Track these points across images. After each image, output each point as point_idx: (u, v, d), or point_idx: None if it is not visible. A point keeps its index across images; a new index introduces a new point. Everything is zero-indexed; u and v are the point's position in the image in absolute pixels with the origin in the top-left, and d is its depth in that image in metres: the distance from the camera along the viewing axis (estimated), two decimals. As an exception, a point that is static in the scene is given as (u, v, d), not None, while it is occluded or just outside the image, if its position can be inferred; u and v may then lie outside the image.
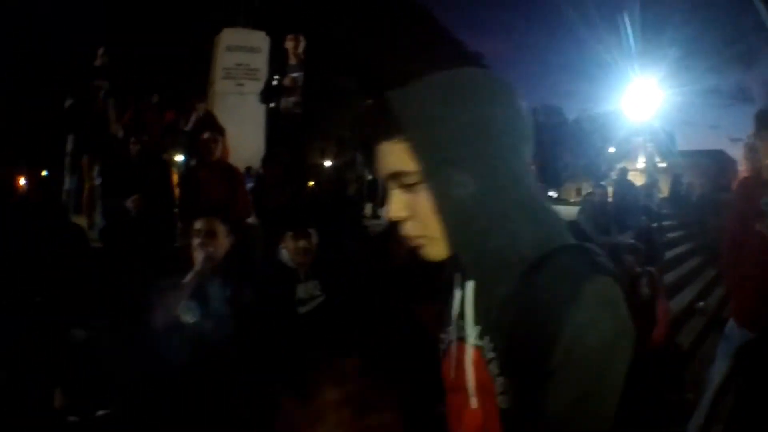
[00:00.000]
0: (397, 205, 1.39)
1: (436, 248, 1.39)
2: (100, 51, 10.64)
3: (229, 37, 13.49)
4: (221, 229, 4.45)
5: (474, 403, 1.44)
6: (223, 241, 4.45)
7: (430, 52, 34.42)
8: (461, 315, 1.48)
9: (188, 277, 4.24)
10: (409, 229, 1.40)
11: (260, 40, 13.44)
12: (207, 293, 4.33)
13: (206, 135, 6.96)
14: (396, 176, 1.37)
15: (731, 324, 4.71)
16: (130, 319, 4.24)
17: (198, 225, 4.40)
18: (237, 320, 4.12)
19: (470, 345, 1.43)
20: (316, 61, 8.35)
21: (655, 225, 13.73)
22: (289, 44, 8.15)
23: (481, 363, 1.39)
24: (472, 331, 1.43)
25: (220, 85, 13.15)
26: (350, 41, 25.54)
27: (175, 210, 7.08)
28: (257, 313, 4.26)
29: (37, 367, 4.21)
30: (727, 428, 4.71)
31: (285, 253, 4.96)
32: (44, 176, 9.22)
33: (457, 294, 1.50)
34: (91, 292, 4.85)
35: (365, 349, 4.54)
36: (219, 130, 7.09)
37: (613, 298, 1.24)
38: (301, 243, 4.89)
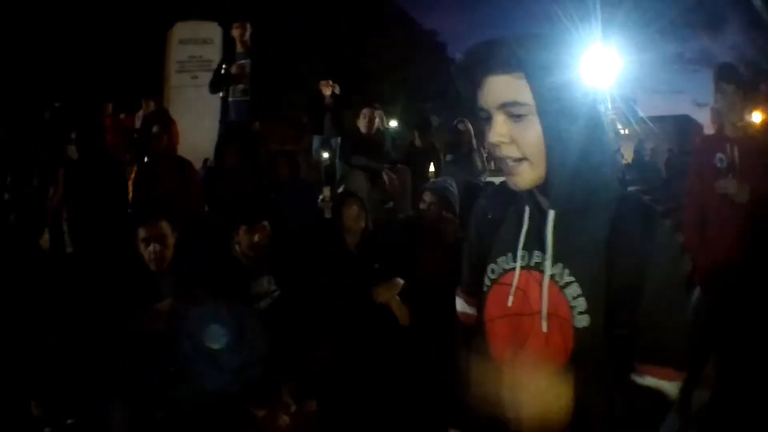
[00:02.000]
0: (502, 129, 1.60)
1: (529, 174, 1.62)
2: None
3: (181, 30, 13.40)
4: (169, 230, 4.38)
5: (544, 326, 1.67)
6: (172, 240, 4.39)
7: (384, 31, 34.39)
8: (527, 245, 1.73)
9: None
10: (506, 151, 1.62)
11: (212, 30, 13.36)
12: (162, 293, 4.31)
13: (155, 129, 6.86)
14: (507, 105, 1.58)
15: (696, 294, 4.61)
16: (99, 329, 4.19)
17: (143, 233, 4.32)
18: (191, 319, 4.07)
19: (544, 272, 1.68)
20: (267, 46, 8.29)
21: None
22: (235, 32, 8.08)
23: (554, 288, 1.66)
24: (546, 260, 1.68)
25: (175, 79, 13.09)
26: (306, 25, 25.46)
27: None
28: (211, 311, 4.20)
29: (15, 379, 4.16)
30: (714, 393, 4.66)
31: (238, 248, 4.78)
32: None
33: (525, 225, 1.75)
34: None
35: (325, 340, 4.52)
36: (166, 123, 6.98)
37: (677, 234, 1.64)
38: (256, 237, 4.70)
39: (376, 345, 4.57)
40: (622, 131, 39.77)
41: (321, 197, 8.98)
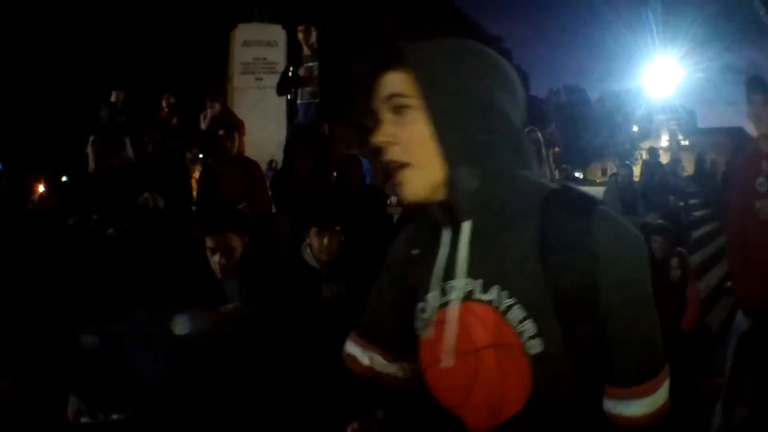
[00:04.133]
0: (386, 128, 1.46)
1: (418, 180, 1.44)
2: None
3: (244, 32, 13.52)
4: (237, 241, 4.38)
5: (491, 359, 1.43)
6: (239, 250, 4.39)
7: (450, 35, 34.40)
8: (447, 275, 1.49)
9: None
10: (392, 153, 1.46)
11: (276, 33, 13.48)
12: (226, 295, 4.30)
13: (221, 132, 6.92)
14: (392, 98, 1.45)
15: (739, 316, 4.54)
16: (147, 322, 4.19)
17: (211, 243, 4.33)
18: (258, 321, 4.06)
19: (476, 300, 1.44)
20: (334, 49, 8.34)
21: (681, 204, 13.57)
22: (300, 35, 8.16)
23: (494, 315, 1.41)
24: (475, 285, 1.45)
25: (239, 81, 13.21)
26: (370, 28, 25.45)
27: (194, 207, 7.08)
28: (280, 314, 4.19)
29: (49, 373, 4.19)
30: (752, 411, 4.59)
31: (309, 251, 4.77)
32: (63, 182, 9.23)
33: (442, 252, 1.51)
34: (106, 296, 4.81)
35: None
36: (234, 126, 7.04)
37: (626, 223, 1.43)
38: (326, 240, 4.67)
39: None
40: (683, 142, 39.34)
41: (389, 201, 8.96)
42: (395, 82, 1.45)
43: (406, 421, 1.82)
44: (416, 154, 1.43)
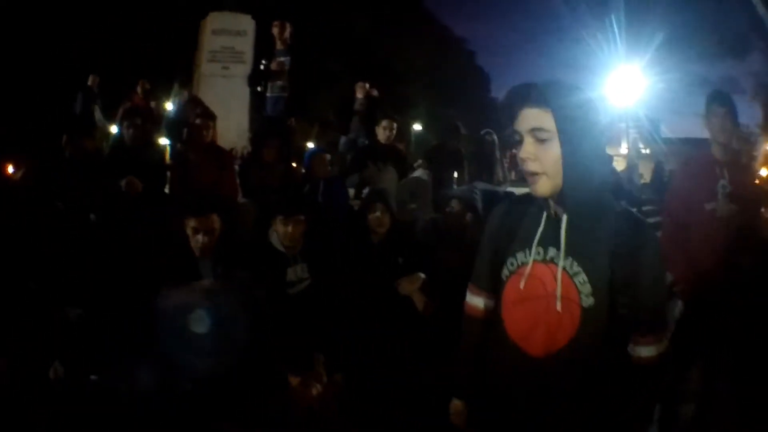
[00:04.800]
0: (529, 149, 2.14)
1: (547, 184, 2.15)
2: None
3: (215, 20, 13.46)
4: (218, 223, 4.67)
5: (558, 306, 2.19)
6: (218, 231, 4.70)
7: (417, 35, 34.43)
8: (542, 242, 2.25)
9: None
10: (532, 166, 2.14)
11: (245, 23, 13.39)
12: (200, 273, 4.58)
13: (198, 121, 7.08)
14: (535, 130, 2.13)
15: (678, 309, 4.80)
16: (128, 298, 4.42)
17: (194, 223, 4.62)
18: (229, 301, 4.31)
19: (558, 264, 2.21)
20: (303, 45, 8.48)
21: (634, 209, 13.85)
22: (275, 30, 8.26)
23: (566, 276, 2.19)
24: (557, 254, 2.21)
25: (206, 68, 13.15)
26: (339, 26, 25.53)
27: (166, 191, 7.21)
28: (249, 294, 4.45)
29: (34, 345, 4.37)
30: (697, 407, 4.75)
31: (275, 236, 5.07)
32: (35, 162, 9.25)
33: (541, 227, 2.27)
34: (86, 271, 4.98)
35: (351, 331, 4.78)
36: (211, 116, 7.17)
37: (654, 232, 2.26)
38: (291, 227, 4.98)
39: (398, 332, 4.84)
40: (643, 150, 39.72)
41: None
42: (539, 118, 2.12)
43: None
44: (548, 168, 2.13)
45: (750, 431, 4.49)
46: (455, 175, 8.85)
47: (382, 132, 8.37)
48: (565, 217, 2.21)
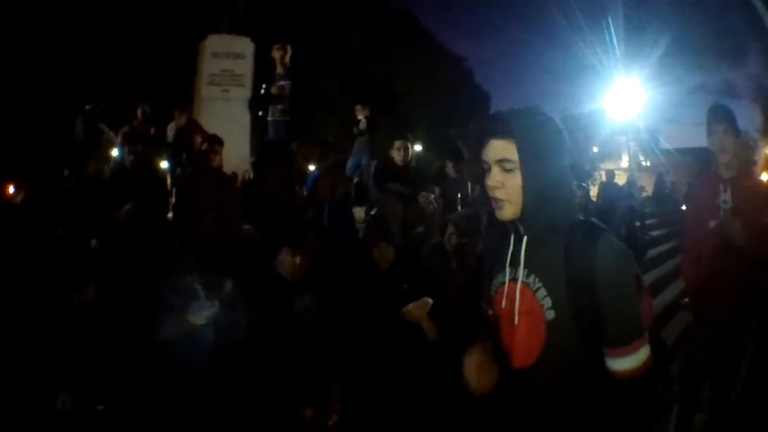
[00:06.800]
0: (497, 177, 2.26)
1: (510, 210, 2.27)
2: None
3: (214, 43, 13.44)
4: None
5: (516, 320, 2.32)
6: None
7: (413, 54, 34.48)
8: (512, 263, 2.38)
9: None
10: (498, 194, 2.27)
11: (245, 46, 13.35)
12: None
13: (205, 146, 7.04)
14: (502, 161, 2.25)
15: (693, 326, 4.83)
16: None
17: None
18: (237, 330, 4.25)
19: (520, 281, 2.32)
20: (300, 66, 8.42)
21: (638, 224, 13.84)
22: (276, 53, 8.21)
23: (528, 292, 2.29)
24: (521, 273, 2.33)
25: (206, 91, 13.10)
26: (334, 46, 25.55)
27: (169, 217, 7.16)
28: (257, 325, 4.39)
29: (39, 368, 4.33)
30: (710, 419, 4.76)
31: (282, 266, 5.03)
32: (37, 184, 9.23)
33: (510, 249, 2.40)
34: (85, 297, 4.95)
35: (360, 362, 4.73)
36: (218, 141, 7.12)
37: (620, 244, 2.23)
38: (298, 258, 4.96)
39: (408, 359, 4.80)
40: (643, 162, 39.80)
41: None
42: (505, 149, 2.24)
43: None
44: (512, 196, 2.25)
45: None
46: (459, 196, 8.81)
47: (397, 153, 8.18)
48: (525, 239, 2.35)
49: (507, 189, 2.26)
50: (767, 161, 5.56)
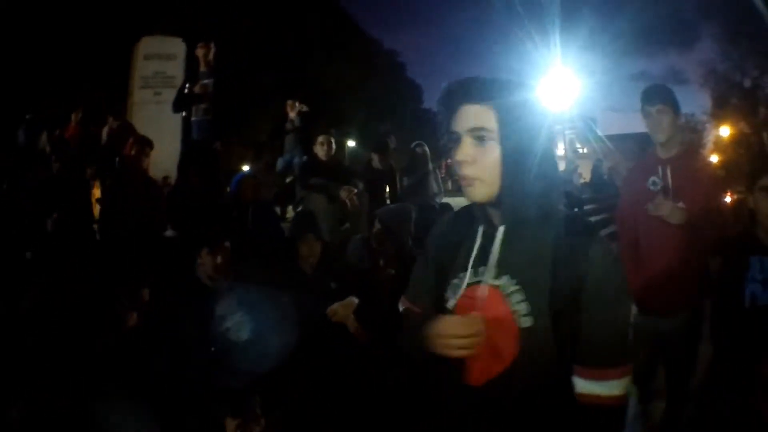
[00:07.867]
0: (467, 150, 1.93)
1: (481, 190, 1.94)
2: None
3: (147, 45, 13.32)
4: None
5: (489, 327, 1.92)
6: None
7: (345, 50, 34.45)
8: (478, 260, 2.03)
9: None
10: (468, 170, 1.94)
11: (176, 46, 13.28)
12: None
13: (134, 150, 6.95)
14: (475, 130, 1.92)
15: (635, 313, 4.76)
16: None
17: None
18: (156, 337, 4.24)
19: (487, 284, 1.98)
20: (233, 63, 8.37)
21: (576, 210, 14.05)
22: (200, 51, 8.12)
23: (498, 296, 1.95)
24: (490, 273, 1.99)
25: (139, 95, 13.00)
26: (268, 42, 25.39)
27: (95, 225, 7.10)
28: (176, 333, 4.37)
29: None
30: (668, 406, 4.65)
31: (202, 270, 4.91)
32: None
33: (477, 242, 2.06)
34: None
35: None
36: (148, 144, 7.05)
37: (614, 250, 1.97)
38: (218, 259, 4.85)
39: (336, 361, 4.76)
40: (580, 150, 40.25)
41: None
42: (480, 116, 1.92)
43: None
44: (486, 173, 1.93)
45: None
46: (387, 190, 8.87)
47: (321, 148, 8.35)
48: (501, 229, 2.00)
49: (479, 164, 1.92)
50: (716, 144, 5.61)
